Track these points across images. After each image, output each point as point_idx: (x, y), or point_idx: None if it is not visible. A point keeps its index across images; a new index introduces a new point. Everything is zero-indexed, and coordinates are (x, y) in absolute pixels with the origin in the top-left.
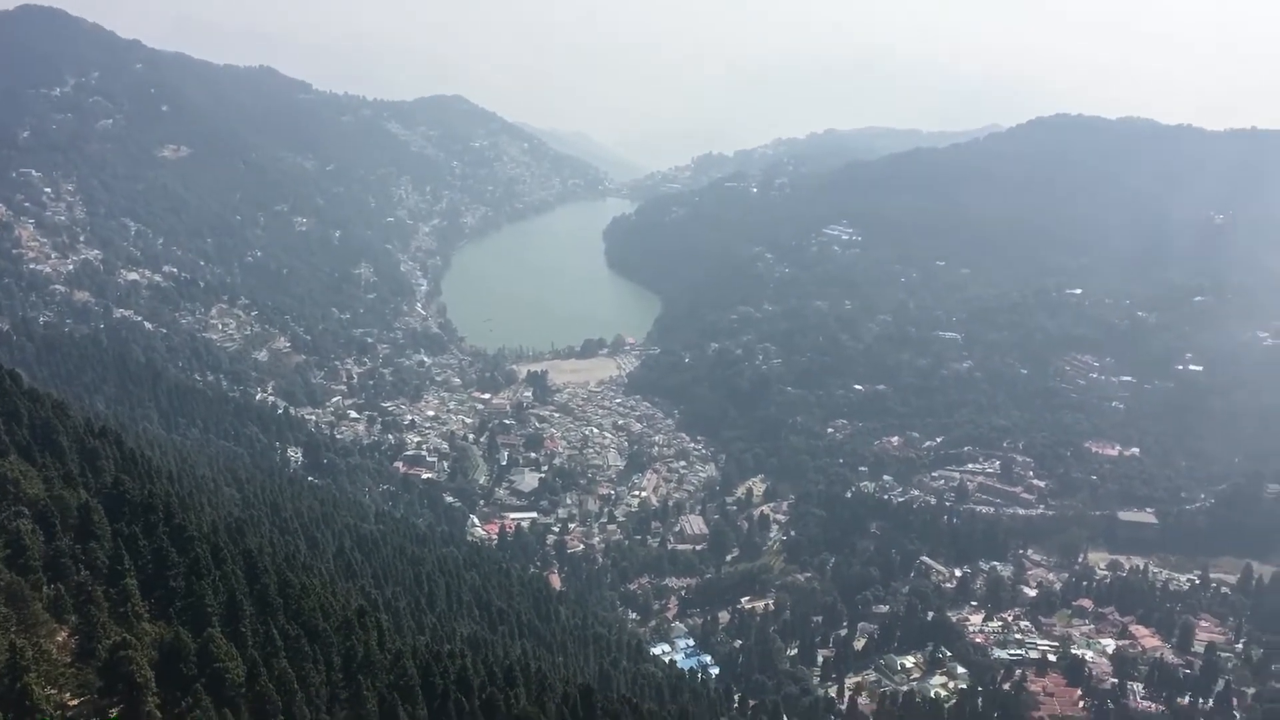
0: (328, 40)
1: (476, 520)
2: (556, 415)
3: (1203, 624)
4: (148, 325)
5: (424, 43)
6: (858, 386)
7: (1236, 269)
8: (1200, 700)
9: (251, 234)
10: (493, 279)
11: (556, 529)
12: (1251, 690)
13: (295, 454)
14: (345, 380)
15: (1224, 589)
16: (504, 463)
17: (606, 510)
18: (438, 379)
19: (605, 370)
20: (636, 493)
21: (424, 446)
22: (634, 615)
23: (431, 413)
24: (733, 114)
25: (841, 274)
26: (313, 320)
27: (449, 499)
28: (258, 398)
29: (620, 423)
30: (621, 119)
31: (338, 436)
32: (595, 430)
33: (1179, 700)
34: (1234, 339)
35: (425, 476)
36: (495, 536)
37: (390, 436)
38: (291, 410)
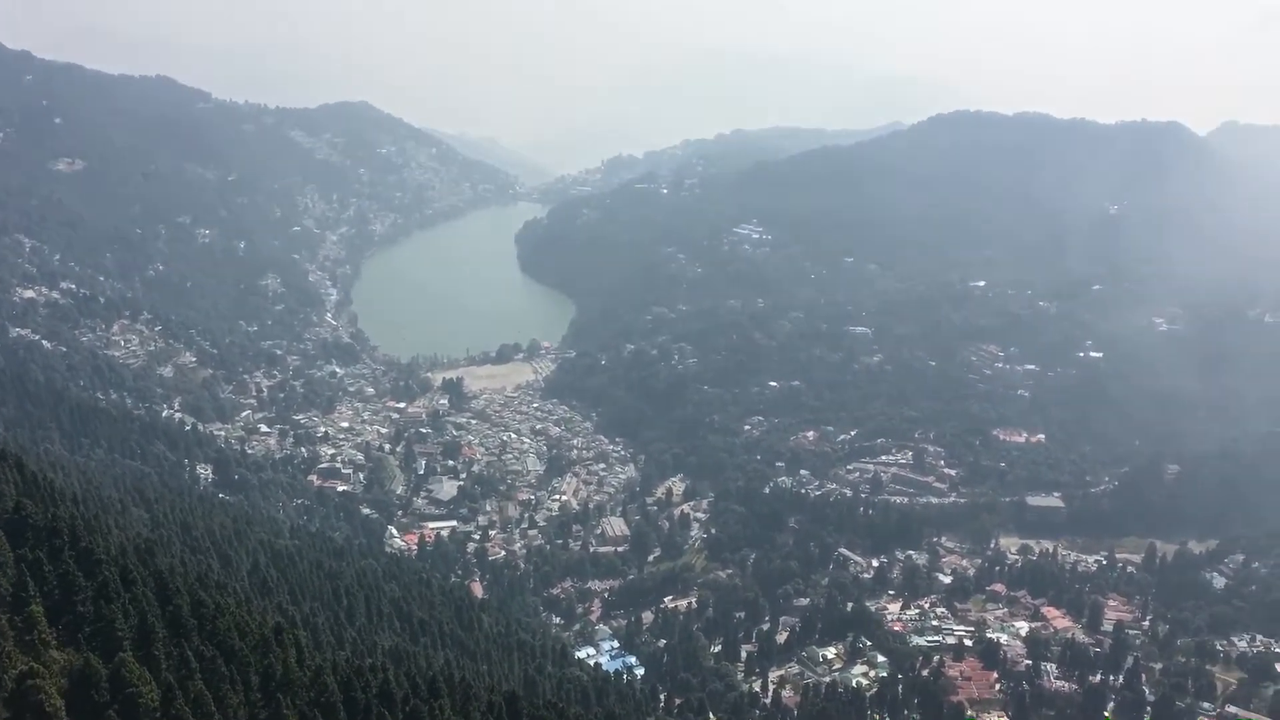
0: (227, 48)
1: (395, 531)
2: (474, 422)
3: (1111, 603)
4: (46, 344)
5: (327, 49)
6: (773, 383)
7: (1131, 258)
8: (1111, 677)
9: (152, 247)
10: (404, 287)
11: (477, 536)
12: (1159, 665)
13: (205, 471)
14: (255, 394)
15: (1130, 568)
16: (421, 472)
17: (527, 516)
18: (351, 389)
19: (522, 375)
20: (557, 497)
21: (338, 458)
22: (558, 620)
23: (345, 424)
24: (642, 116)
25: (753, 272)
26: (219, 334)
27: (366, 511)
28: (164, 415)
29: (538, 427)
30: (531, 122)
31: (249, 451)
32: (513, 436)
33: (1090, 678)
34: (1131, 326)
35: (341, 489)
36: (415, 547)
37: (303, 450)
38: (200, 426)
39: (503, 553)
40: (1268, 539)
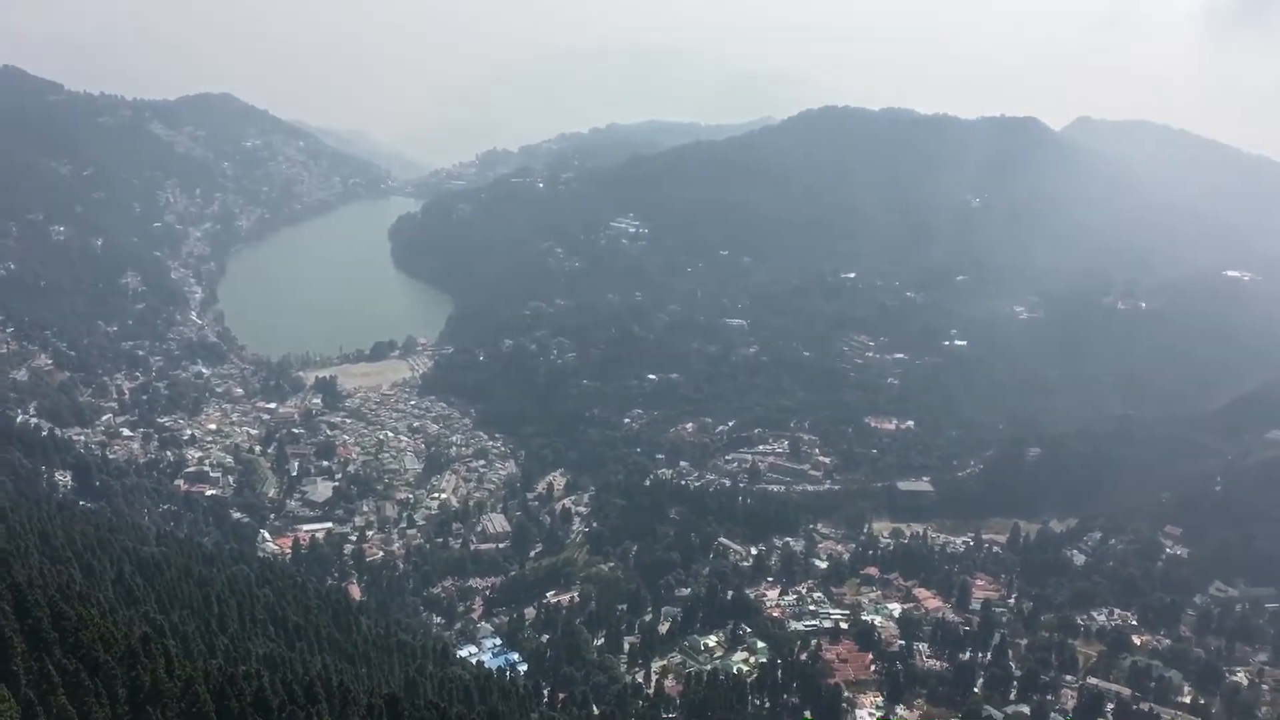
0: (81, 37)
1: (268, 535)
2: (348, 421)
3: (979, 583)
4: None
5: (187, 37)
6: (651, 376)
7: (993, 248)
8: (980, 654)
9: (3, 245)
10: (274, 283)
11: (354, 538)
12: (1024, 641)
13: (64, 478)
14: (116, 396)
15: (995, 548)
16: (294, 473)
17: (406, 515)
18: (218, 390)
19: (398, 372)
20: (436, 495)
21: (206, 462)
22: (439, 619)
23: (213, 426)
24: (516, 109)
25: (631, 266)
26: (76, 335)
27: (237, 515)
28: (19, 420)
29: (416, 425)
30: (402, 115)
31: (110, 456)
32: (390, 434)
33: (960, 656)
34: (993, 314)
35: (210, 493)
36: (289, 550)
37: (169, 453)
38: (58, 431)
39: (381, 553)
40: (1124, 516)
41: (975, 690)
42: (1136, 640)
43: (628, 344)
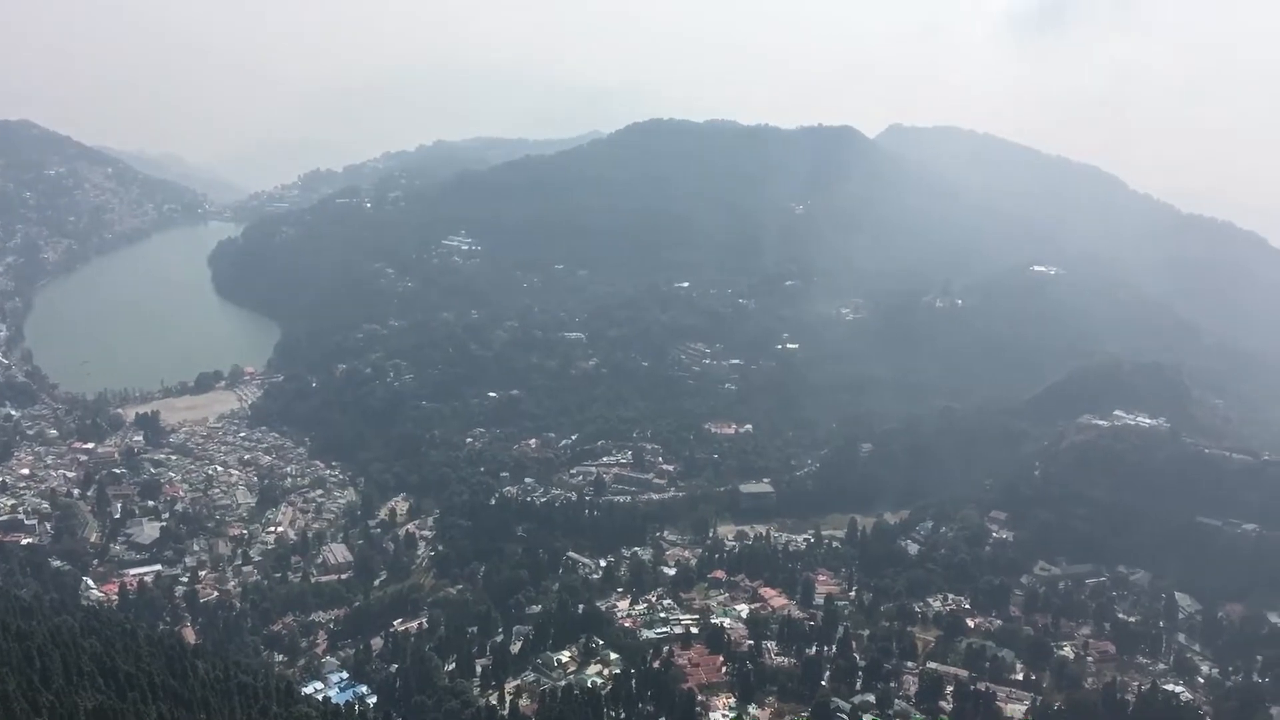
0: None
1: (91, 582)
2: (174, 457)
3: (821, 578)
4: None
5: None
6: (492, 394)
7: (818, 254)
8: (825, 648)
9: None
10: (86, 318)
11: (186, 579)
12: (866, 632)
13: None
14: None
15: (835, 544)
16: (118, 515)
17: (240, 551)
18: (30, 433)
19: (225, 404)
20: (272, 528)
21: (20, 509)
22: (281, 657)
23: (26, 471)
24: (340, 129)
25: (465, 284)
26: None
27: (56, 563)
28: None
29: (247, 457)
30: (217, 137)
31: None
32: (220, 468)
33: (807, 651)
34: (822, 317)
35: (25, 541)
36: (115, 597)
37: None
38: None
39: (216, 593)
40: (952, 505)
41: (823, 683)
42: (970, 623)
43: (466, 362)
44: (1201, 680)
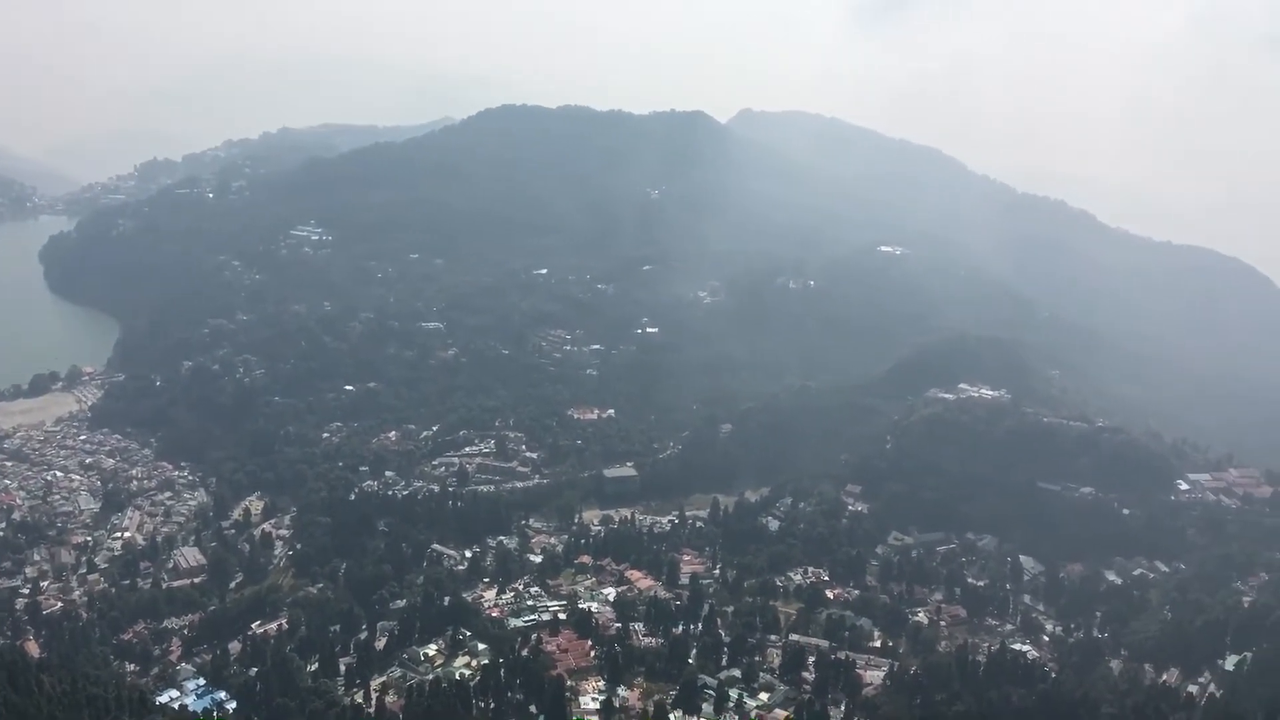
0: None
1: None
2: (9, 464)
3: (685, 558)
4: None
5: None
6: (348, 387)
7: (674, 238)
8: (691, 626)
9: None
10: None
11: (26, 590)
12: (731, 608)
13: None
14: None
15: (699, 523)
16: None
17: (85, 559)
18: None
19: (63, 406)
20: (118, 534)
21: None
22: (133, 666)
23: None
24: (178, 117)
25: (317, 275)
26: None
27: None
28: None
29: (89, 461)
30: (44, 127)
31: None
32: (60, 474)
33: (674, 630)
34: (680, 300)
35: None
36: None
37: None
38: None
39: (60, 604)
40: (810, 480)
41: (690, 661)
42: (830, 594)
43: (320, 356)
44: (1046, 638)
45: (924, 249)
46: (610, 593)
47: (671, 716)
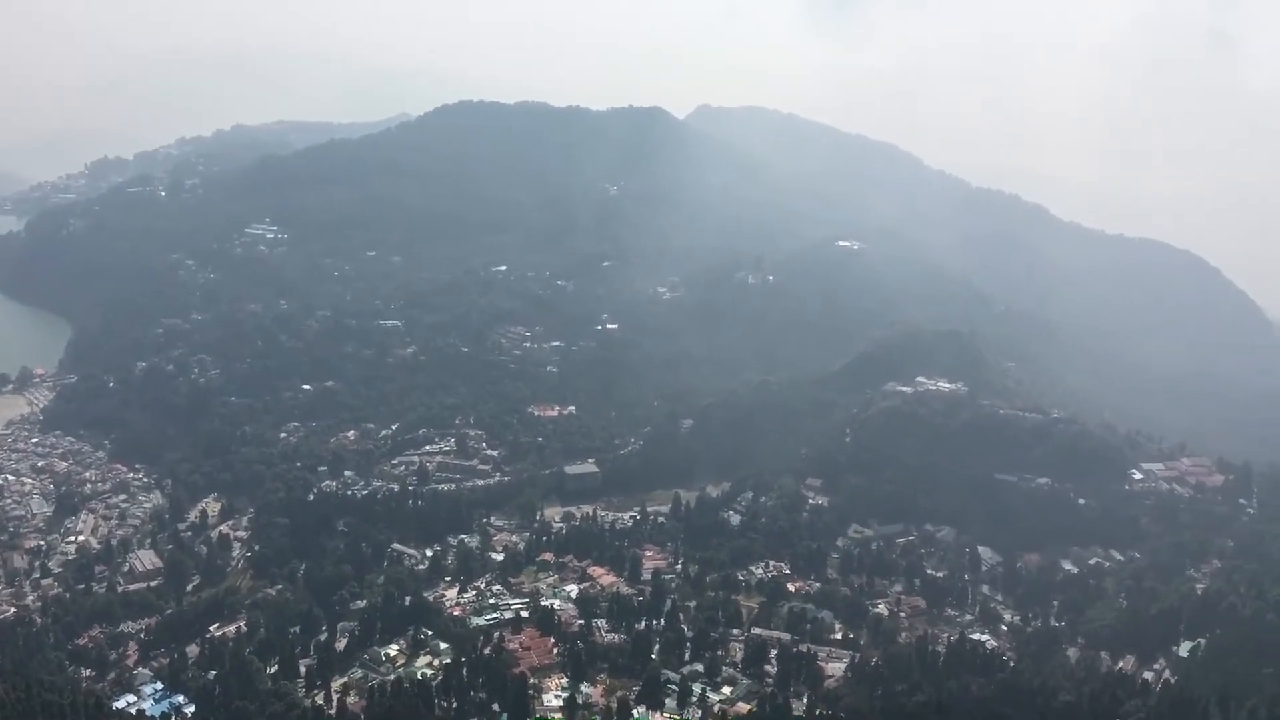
0: None
1: None
2: None
3: (648, 554)
4: None
5: None
6: (306, 386)
7: (633, 234)
8: (654, 622)
9: None
10: None
11: None
12: (693, 603)
13: None
14: None
15: (660, 519)
16: None
17: (38, 564)
18: None
19: (14, 409)
20: (72, 538)
21: None
22: (89, 672)
23: None
24: (129, 115)
25: (272, 274)
26: None
27: None
28: None
29: (41, 464)
30: None
31: None
32: (11, 478)
33: (637, 626)
34: (639, 296)
35: None
36: None
37: None
38: None
39: (13, 609)
40: (770, 474)
41: (653, 656)
42: (791, 588)
43: (277, 355)
44: (1005, 628)
45: (881, 244)
46: (572, 590)
47: (635, 712)
